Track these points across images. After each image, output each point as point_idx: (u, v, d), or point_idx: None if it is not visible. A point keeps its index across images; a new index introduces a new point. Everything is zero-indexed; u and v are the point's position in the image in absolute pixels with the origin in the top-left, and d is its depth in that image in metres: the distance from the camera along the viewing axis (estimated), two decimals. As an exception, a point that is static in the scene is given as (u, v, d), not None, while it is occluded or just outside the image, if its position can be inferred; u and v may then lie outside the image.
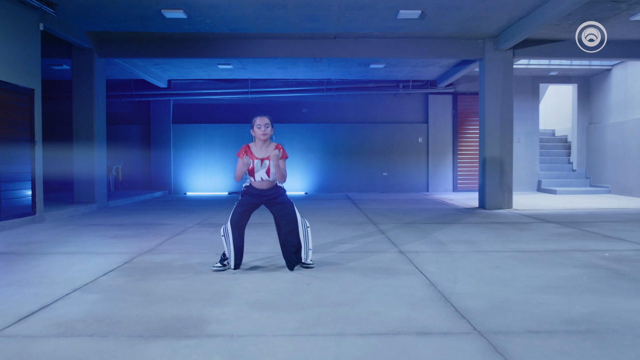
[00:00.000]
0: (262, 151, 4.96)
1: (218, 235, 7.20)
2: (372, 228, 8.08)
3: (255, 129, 4.93)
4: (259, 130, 4.91)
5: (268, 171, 4.91)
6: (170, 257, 5.66)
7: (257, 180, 4.94)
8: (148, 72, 14.61)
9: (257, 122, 4.93)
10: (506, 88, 11.40)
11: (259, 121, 4.92)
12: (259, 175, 4.92)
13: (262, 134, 4.91)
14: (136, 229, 8.00)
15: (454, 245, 6.43)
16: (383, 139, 17.03)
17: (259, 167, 4.91)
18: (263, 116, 4.96)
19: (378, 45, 11.38)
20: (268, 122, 4.94)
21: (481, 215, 10.07)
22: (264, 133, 4.91)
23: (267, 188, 4.99)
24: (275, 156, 4.87)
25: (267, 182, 4.96)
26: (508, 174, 11.48)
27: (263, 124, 4.91)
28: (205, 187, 16.83)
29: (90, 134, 11.16)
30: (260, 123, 4.91)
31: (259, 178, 4.93)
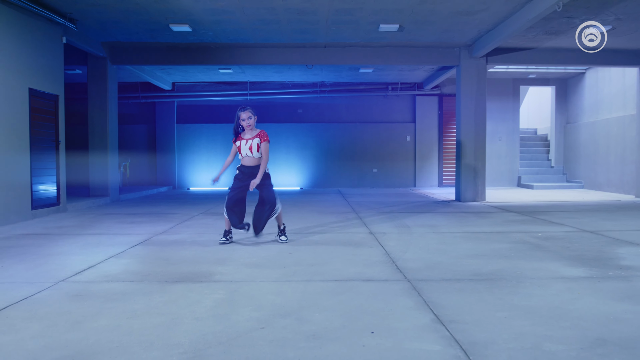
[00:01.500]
0: (248, 134, 6.22)
1: (221, 220, 8.49)
2: (352, 215, 9.32)
3: (240, 122, 6.20)
4: (244, 123, 6.19)
5: (251, 148, 6.15)
6: (182, 237, 6.90)
7: (243, 155, 6.18)
8: (154, 75, 15.85)
9: (241, 117, 6.19)
10: (480, 91, 12.63)
11: (243, 116, 6.18)
12: (244, 151, 6.16)
13: (247, 126, 6.19)
14: (149, 217, 9.24)
15: (417, 228, 7.66)
16: (373, 137, 18.28)
17: (244, 146, 6.17)
18: (245, 110, 6.20)
19: (364, 53, 12.61)
20: (250, 115, 6.19)
21: (454, 206, 11.30)
22: (249, 125, 6.18)
23: (252, 165, 6.21)
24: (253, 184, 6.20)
25: (251, 158, 6.19)
26: (481, 169, 12.70)
27: (246, 117, 6.16)
28: (207, 182, 18.10)
29: (104, 134, 12.40)
30: (244, 117, 6.17)
31: (244, 153, 6.17)
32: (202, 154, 18.15)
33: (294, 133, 18.00)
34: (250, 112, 6.23)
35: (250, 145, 6.16)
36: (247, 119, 6.17)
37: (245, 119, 6.17)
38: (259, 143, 6.21)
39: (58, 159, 10.00)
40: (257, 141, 6.20)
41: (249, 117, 6.18)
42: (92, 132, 12.44)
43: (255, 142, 6.19)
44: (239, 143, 6.22)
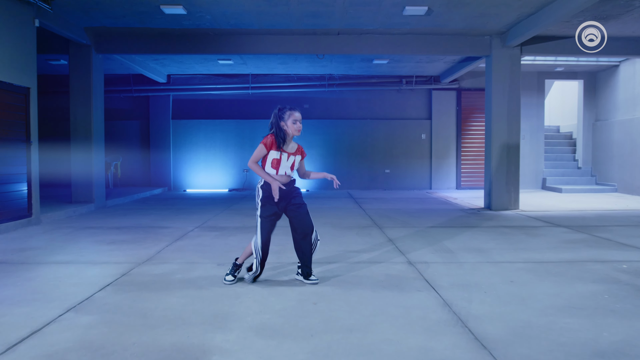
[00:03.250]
0: (289, 146, 4.79)
1: (219, 241, 7.01)
2: (377, 232, 7.85)
3: (289, 123, 4.69)
4: (295, 127, 4.71)
5: (292, 166, 4.81)
6: (170, 268, 5.43)
7: (279, 173, 4.75)
8: (147, 67, 14.35)
9: (294, 116, 4.71)
10: (514, 85, 11.15)
11: (297, 116, 4.74)
12: (283, 169, 4.75)
13: (298, 130, 4.73)
14: (134, 233, 7.77)
15: (463, 254, 6.20)
16: (385, 135, 16.79)
17: (285, 161, 4.75)
18: (299, 111, 4.78)
19: (382, 42, 11.11)
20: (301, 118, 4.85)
21: (488, 217, 9.84)
22: (300, 129, 4.75)
23: (286, 182, 4.80)
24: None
25: (287, 177, 4.82)
26: (515, 174, 11.24)
27: (299, 119, 4.75)
28: (205, 184, 16.60)
29: (87, 132, 10.91)
30: (297, 118, 4.72)
31: (282, 172, 4.75)
32: (200, 152, 16.65)
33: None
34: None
35: (293, 162, 4.81)
36: (300, 121, 4.79)
37: (297, 122, 4.75)
38: (300, 160, 4.95)
39: (29, 162, 8.52)
40: (298, 158, 4.89)
41: (301, 121, 4.82)
42: (74, 129, 10.94)
43: (297, 159, 4.87)
44: (279, 155, 4.72)
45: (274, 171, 4.71)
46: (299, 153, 4.86)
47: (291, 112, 4.72)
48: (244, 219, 9.41)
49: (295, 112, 4.74)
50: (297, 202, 4.82)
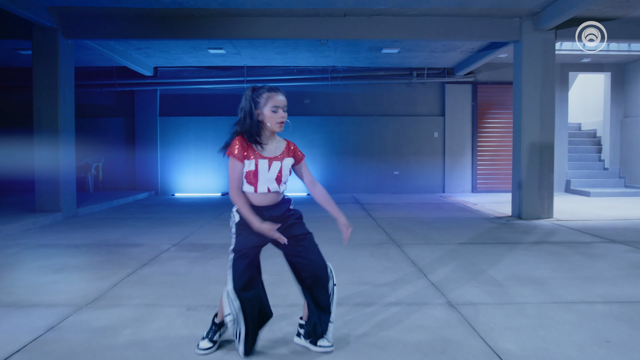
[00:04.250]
0: (269, 147, 3.12)
1: (196, 267, 5.49)
2: (395, 252, 6.32)
3: (266, 111, 3.05)
4: (276, 117, 3.05)
5: (280, 178, 3.08)
6: (119, 317, 3.90)
7: (259, 192, 3.05)
8: (129, 58, 12.82)
9: (275, 101, 3.04)
10: (547, 75, 9.62)
11: (279, 100, 3.05)
12: (264, 185, 3.05)
13: (281, 124, 3.08)
14: (95, 254, 6.25)
15: (517, 288, 4.67)
16: (394, 133, 15.25)
17: (265, 173, 3.05)
18: (282, 94, 3.10)
19: (395, 25, 9.59)
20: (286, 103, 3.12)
21: (522, 229, 8.32)
22: (283, 122, 3.08)
23: (274, 204, 3.12)
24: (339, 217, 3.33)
25: (274, 194, 3.11)
26: (548, 177, 9.72)
27: (283, 106, 3.07)
28: (195, 187, 15.04)
29: (54, 129, 9.37)
30: (278, 104, 3.04)
31: (263, 189, 3.05)
32: (190, 152, 15.10)
33: (299, 128, 14.95)
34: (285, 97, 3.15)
35: (279, 170, 3.10)
36: (283, 108, 3.10)
37: (279, 109, 3.07)
38: (294, 164, 3.23)
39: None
40: (288, 163, 3.16)
41: (285, 108, 3.12)
42: (38, 127, 9.40)
43: (287, 164, 3.14)
44: (254, 163, 3.05)
45: (252, 189, 3.06)
46: (290, 155, 3.16)
47: (270, 95, 3.05)
48: (233, 232, 7.88)
49: (277, 94, 3.06)
50: (297, 233, 3.16)
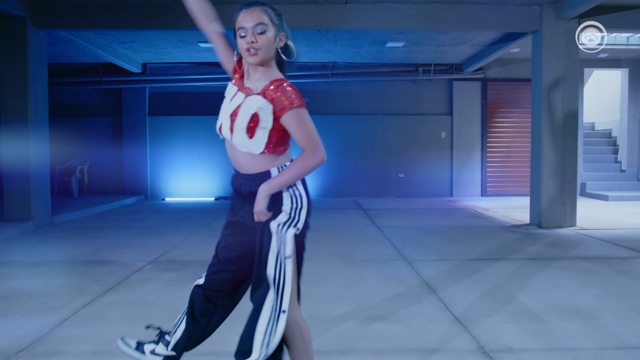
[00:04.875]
0: (252, 79, 2.32)
1: (170, 293, 4.56)
2: (406, 271, 5.40)
3: (237, 38, 2.24)
4: (242, 42, 2.21)
5: (233, 123, 2.25)
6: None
7: (223, 134, 2.35)
8: (115, 53, 11.90)
9: (238, 21, 2.22)
10: (570, 70, 8.69)
11: (242, 19, 2.20)
12: (220, 122, 2.35)
13: (249, 50, 2.19)
14: (55, 275, 5.32)
15: (562, 324, 3.75)
16: (399, 133, 14.31)
17: (227, 102, 2.35)
18: (252, 7, 2.22)
19: (402, 13, 8.68)
20: (264, 22, 2.19)
21: (546, 240, 7.39)
22: (250, 48, 2.18)
23: (243, 170, 2.33)
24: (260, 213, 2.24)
25: (241, 154, 2.29)
26: (572, 182, 8.80)
27: (251, 25, 2.18)
28: (187, 191, 14.10)
29: (24, 129, 8.45)
30: (244, 24, 2.19)
31: (219, 125, 2.36)
32: (182, 154, 14.17)
33: (298, 128, 13.97)
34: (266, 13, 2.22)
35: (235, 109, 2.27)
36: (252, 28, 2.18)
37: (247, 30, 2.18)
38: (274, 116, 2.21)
39: None
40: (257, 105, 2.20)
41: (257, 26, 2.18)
42: (5, 127, 8.46)
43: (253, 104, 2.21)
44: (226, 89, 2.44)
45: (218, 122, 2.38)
46: (265, 96, 2.20)
47: (237, 15, 2.24)
48: (221, 245, 6.97)
49: (242, 11, 2.21)
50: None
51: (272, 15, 2.23)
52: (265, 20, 2.19)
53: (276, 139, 2.24)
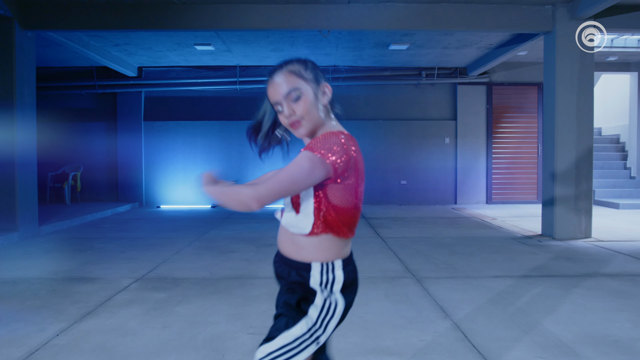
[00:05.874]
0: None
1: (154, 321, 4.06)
2: (416, 292, 4.94)
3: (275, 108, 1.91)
4: (282, 118, 1.88)
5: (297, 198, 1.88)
6: None
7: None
8: (109, 56, 11.46)
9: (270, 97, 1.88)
10: (585, 73, 8.26)
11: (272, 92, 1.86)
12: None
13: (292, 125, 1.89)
14: (30, 295, 4.86)
15: (596, 357, 3.30)
16: (401, 139, 13.85)
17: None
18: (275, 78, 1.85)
19: (407, 13, 8.25)
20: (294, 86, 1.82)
21: (560, 252, 6.93)
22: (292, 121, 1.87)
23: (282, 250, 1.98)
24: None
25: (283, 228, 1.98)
26: (587, 190, 8.35)
27: (281, 97, 1.84)
28: (183, 199, 13.63)
29: (9, 134, 7.99)
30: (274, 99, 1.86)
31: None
32: (178, 160, 13.72)
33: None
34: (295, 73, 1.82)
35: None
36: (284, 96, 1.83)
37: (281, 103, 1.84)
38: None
39: None
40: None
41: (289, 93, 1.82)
42: (-9, 132, 8.06)
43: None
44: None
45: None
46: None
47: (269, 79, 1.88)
48: (214, 259, 6.51)
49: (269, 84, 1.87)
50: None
51: (301, 73, 1.84)
52: (294, 84, 1.82)
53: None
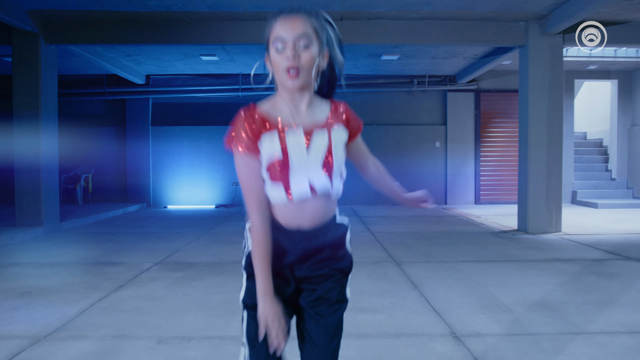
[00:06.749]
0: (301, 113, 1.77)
1: (176, 290, 5.00)
2: (395, 271, 5.83)
3: (272, 53, 1.71)
4: (280, 60, 1.67)
5: (329, 164, 1.74)
6: (79, 353, 3.41)
7: (296, 196, 1.71)
8: (120, 65, 12.38)
9: (275, 33, 1.67)
10: (555, 82, 9.17)
11: (282, 28, 1.66)
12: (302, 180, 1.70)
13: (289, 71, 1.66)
14: (69, 274, 5.76)
15: (529, 315, 4.18)
16: (394, 143, 14.75)
17: (302, 154, 1.70)
18: (294, 15, 1.68)
19: (395, 29, 9.15)
20: (307, 31, 1.66)
21: (529, 244, 7.82)
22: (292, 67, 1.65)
23: (320, 224, 1.79)
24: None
25: (323, 201, 1.77)
26: (557, 189, 9.25)
27: (293, 37, 1.64)
28: (189, 199, 14.54)
29: (35, 139, 8.90)
30: (283, 35, 1.65)
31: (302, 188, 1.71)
32: (184, 163, 14.62)
33: (297, 138, 14.43)
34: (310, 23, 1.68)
35: (327, 145, 1.74)
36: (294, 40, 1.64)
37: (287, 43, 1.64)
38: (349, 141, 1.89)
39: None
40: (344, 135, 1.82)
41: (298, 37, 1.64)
42: (18, 137, 8.94)
43: (341, 135, 1.80)
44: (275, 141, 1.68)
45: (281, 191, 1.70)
46: (341, 120, 1.85)
47: (273, 22, 1.70)
48: (222, 249, 7.40)
49: (281, 18, 1.68)
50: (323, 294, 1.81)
51: (317, 27, 1.71)
52: (309, 32, 1.67)
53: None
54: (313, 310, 1.79)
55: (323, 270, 1.80)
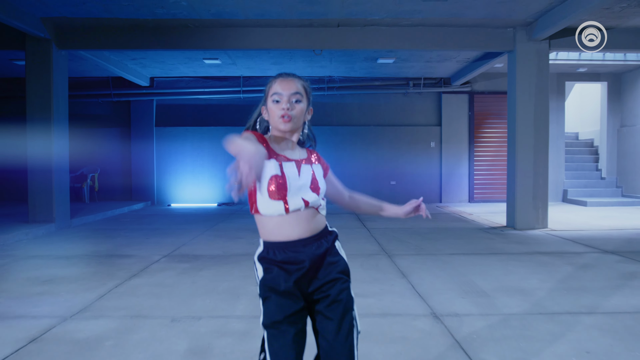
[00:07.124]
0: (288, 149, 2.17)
1: (185, 278, 5.47)
2: (386, 262, 6.31)
3: (270, 104, 2.15)
4: (277, 108, 2.11)
5: (316, 186, 2.12)
6: (103, 328, 3.90)
7: (292, 208, 2.04)
8: (125, 68, 12.86)
9: (274, 88, 2.12)
10: (541, 85, 9.64)
11: (281, 85, 2.12)
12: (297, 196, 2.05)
13: (283, 117, 2.08)
14: (85, 266, 6.24)
15: (503, 298, 4.66)
16: (390, 143, 15.24)
17: (296, 178, 2.06)
18: (291, 77, 2.16)
19: (389, 35, 9.62)
20: (299, 91, 2.13)
21: (515, 239, 8.30)
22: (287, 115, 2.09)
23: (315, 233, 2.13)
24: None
25: (312, 214, 2.11)
26: (543, 187, 9.72)
27: (288, 93, 2.10)
28: (192, 197, 15.03)
29: (47, 139, 9.38)
30: (281, 91, 2.10)
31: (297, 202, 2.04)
32: (187, 163, 15.11)
33: (296, 138, 14.91)
34: (301, 84, 2.17)
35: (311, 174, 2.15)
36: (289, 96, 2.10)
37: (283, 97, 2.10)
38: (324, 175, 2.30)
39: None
40: (318, 170, 2.22)
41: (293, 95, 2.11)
42: (31, 138, 9.41)
43: (319, 171, 2.23)
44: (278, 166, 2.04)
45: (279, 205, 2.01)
46: (317, 161, 2.26)
47: (274, 81, 2.16)
48: (225, 243, 7.88)
49: (281, 78, 2.16)
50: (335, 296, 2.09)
51: (307, 88, 2.21)
52: (301, 91, 2.13)
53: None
54: (328, 313, 2.06)
55: (331, 275, 2.10)
